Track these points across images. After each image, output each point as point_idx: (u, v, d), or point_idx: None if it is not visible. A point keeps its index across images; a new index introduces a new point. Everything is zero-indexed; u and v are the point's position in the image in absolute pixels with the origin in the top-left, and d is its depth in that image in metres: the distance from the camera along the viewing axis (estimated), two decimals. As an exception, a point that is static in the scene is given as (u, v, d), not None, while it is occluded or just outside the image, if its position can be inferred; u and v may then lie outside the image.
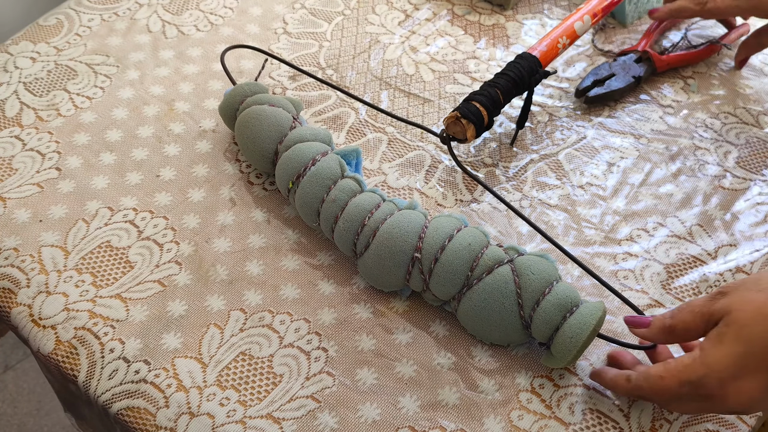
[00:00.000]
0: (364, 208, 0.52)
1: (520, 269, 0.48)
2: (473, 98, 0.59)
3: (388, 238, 0.50)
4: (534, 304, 0.47)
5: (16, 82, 0.68)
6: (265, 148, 0.57)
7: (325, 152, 0.55)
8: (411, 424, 0.47)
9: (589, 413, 0.47)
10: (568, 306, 0.46)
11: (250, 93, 0.60)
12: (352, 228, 0.52)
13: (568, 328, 0.46)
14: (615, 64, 0.69)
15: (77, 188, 0.60)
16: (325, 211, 0.53)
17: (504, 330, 0.48)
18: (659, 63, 0.69)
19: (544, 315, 0.47)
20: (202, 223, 0.58)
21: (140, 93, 0.68)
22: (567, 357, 0.46)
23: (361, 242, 0.51)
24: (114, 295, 0.53)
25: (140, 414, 0.47)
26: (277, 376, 0.49)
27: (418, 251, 0.49)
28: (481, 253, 0.49)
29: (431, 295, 0.51)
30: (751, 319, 0.38)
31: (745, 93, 0.68)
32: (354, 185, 0.53)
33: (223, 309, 0.52)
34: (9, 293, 0.53)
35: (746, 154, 0.63)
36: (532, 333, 0.48)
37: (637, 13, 0.76)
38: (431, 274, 0.49)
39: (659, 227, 0.58)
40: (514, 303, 0.47)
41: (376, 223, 0.51)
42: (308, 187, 0.54)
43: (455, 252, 0.49)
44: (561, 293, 0.47)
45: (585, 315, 0.46)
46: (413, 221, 0.51)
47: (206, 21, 0.75)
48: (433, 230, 0.50)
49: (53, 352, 0.50)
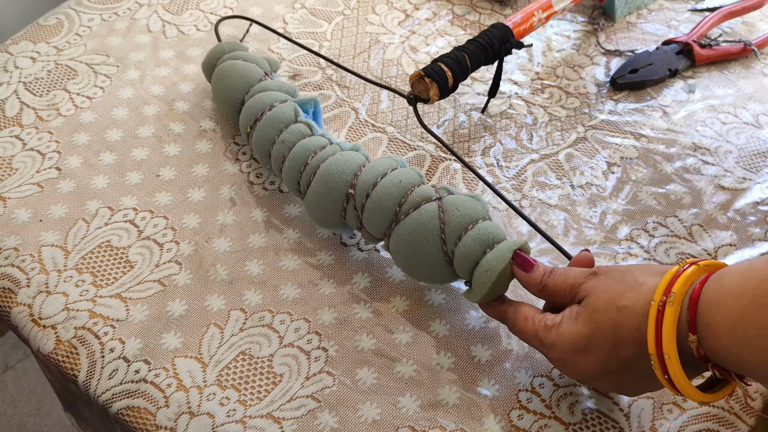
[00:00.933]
0: (308, 148, 0.54)
1: (446, 206, 0.49)
2: (440, 59, 0.60)
3: (326, 175, 0.52)
4: (456, 239, 0.48)
5: (16, 82, 0.68)
6: (233, 98, 0.60)
7: (284, 100, 0.58)
8: (411, 424, 0.47)
9: (589, 413, 0.47)
10: (489, 242, 0.47)
11: (228, 50, 0.64)
12: (296, 167, 0.54)
13: (485, 261, 0.46)
14: (655, 54, 0.69)
15: (77, 188, 0.60)
16: (275, 151, 0.56)
17: (429, 266, 0.49)
18: (699, 57, 0.69)
19: (464, 249, 0.47)
20: (202, 222, 0.58)
21: (140, 93, 0.68)
22: (483, 290, 0.46)
23: (304, 181, 0.54)
24: (114, 294, 0.53)
25: (140, 414, 0.47)
26: (277, 375, 0.49)
27: (352, 188, 0.51)
28: (410, 191, 0.50)
29: (366, 232, 0.52)
30: (603, 306, 0.41)
31: (745, 93, 0.68)
32: (304, 129, 0.56)
33: (223, 309, 0.52)
34: (9, 293, 0.53)
35: (746, 154, 0.63)
36: (456, 269, 0.49)
37: (627, 8, 0.76)
38: (363, 210, 0.51)
39: (659, 227, 0.58)
40: (437, 238, 0.48)
41: (318, 162, 0.53)
42: (262, 130, 0.57)
43: (385, 188, 0.50)
44: (484, 229, 0.48)
45: (503, 249, 0.46)
46: (351, 160, 0.52)
47: (206, 21, 0.75)
48: (368, 169, 0.52)
49: (53, 351, 0.50)
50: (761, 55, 0.72)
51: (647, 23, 0.76)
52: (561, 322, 0.43)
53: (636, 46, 0.73)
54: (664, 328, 0.38)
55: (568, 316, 0.43)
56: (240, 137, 0.64)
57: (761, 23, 0.75)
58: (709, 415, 0.47)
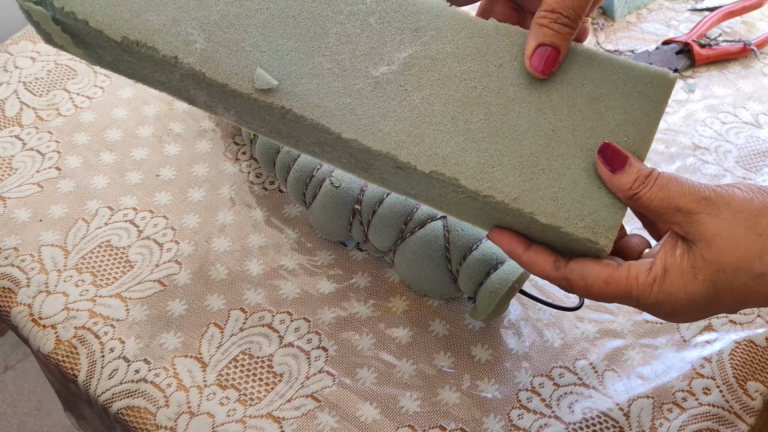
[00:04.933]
0: (313, 159, 0.54)
1: (451, 225, 0.50)
2: None
3: (332, 190, 0.52)
4: (461, 258, 0.49)
5: (16, 82, 0.68)
6: None
7: None
8: (411, 424, 0.47)
9: (589, 412, 0.47)
10: (492, 262, 0.48)
11: None
12: (302, 179, 0.54)
13: (489, 283, 0.47)
14: (655, 53, 0.69)
15: (77, 188, 0.60)
16: (280, 161, 0.55)
17: (434, 282, 0.50)
18: (698, 57, 0.69)
19: (469, 270, 0.48)
20: (202, 222, 0.58)
21: (140, 92, 0.68)
22: (487, 310, 0.47)
23: (309, 192, 0.54)
24: (114, 294, 0.53)
25: (140, 413, 0.47)
26: (277, 375, 0.49)
27: (358, 203, 0.51)
28: (416, 209, 0.50)
29: (371, 246, 0.52)
30: (734, 266, 0.33)
31: (745, 93, 0.68)
32: None
33: (223, 308, 0.52)
34: (9, 293, 0.53)
35: (746, 154, 0.63)
36: (460, 286, 0.50)
37: (627, 8, 0.76)
38: (369, 226, 0.51)
39: (659, 227, 0.58)
40: (442, 257, 0.49)
41: (323, 175, 0.53)
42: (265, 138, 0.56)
43: (392, 206, 0.50)
44: (487, 250, 0.48)
45: (506, 272, 0.47)
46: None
47: (206, 21, 0.75)
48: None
49: (53, 351, 0.50)
50: (761, 55, 0.72)
51: (647, 23, 0.76)
52: (666, 275, 0.35)
53: (636, 46, 0.73)
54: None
55: (678, 270, 0.35)
56: (240, 137, 0.64)
57: (761, 23, 0.75)
58: (709, 415, 0.47)
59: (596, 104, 0.38)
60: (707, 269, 0.34)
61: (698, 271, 0.34)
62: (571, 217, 0.36)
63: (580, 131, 0.38)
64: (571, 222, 0.36)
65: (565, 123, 0.38)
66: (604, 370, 0.49)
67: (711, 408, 0.47)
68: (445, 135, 0.39)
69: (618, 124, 0.37)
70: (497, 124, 0.38)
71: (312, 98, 0.39)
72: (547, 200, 0.37)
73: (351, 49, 0.41)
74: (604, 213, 0.36)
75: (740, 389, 0.48)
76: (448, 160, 0.38)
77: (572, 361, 0.50)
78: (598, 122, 0.38)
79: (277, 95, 0.39)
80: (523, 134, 0.38)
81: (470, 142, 0.38)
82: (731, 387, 0.48)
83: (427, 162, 0.38)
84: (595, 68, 0.38)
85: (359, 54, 0.41)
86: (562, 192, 0.37)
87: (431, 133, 0.39)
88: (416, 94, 0.40)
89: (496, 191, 0.37)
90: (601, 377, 0.49)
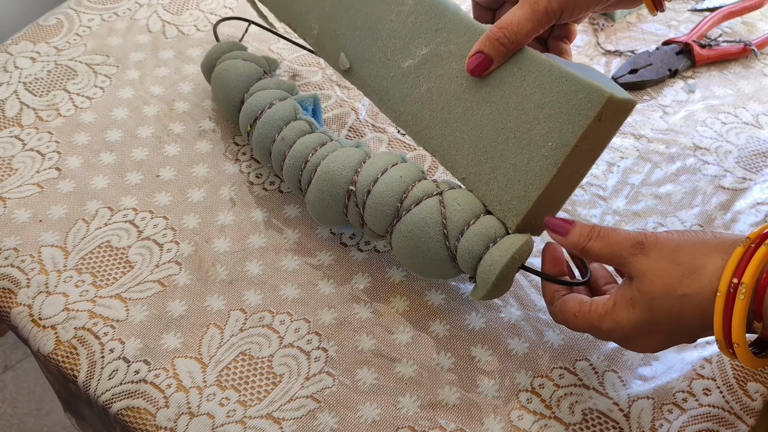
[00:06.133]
0: (308, 145, 0.54)
1: (448, 200, 0.48)
2: None
3: (327, 173, 0.51)
4: (459, 234, 0.47)
5: (16, 82, 0.68)
6: (232, 97, 0.60)
7: (283, 98, 0.58)
8: (411, 424, 0.47)
9: (589, 413, 0.47)
10: (491, 236, 0.46)
11: (227, 50, 0.64)
12: (297, 164, 0.54)
13: (488, 256, 0.46)
14: (655, 54, 0.69)
15: (77, 188, 0.60)
16: (275, 149, 0.56)
17: (432, 262, 0.48)
18: (699, 57, 0.69)
19: (467, 245, 0.46)
20: (202, 223, 0.58)
21: (140, 93, 0.68)
22: (486, 286, 0.45)
23: (305, 178, 0.54)
24: (114, 295, 0.53)
25: (140, 414, 0.47)
26: (277, 376, 0.49)
27: (353, 184, 0.51)
28: (411, 186, 0.49)
29: (368, 229, 0.52)
30: (661, 293, 0.39)
31: (745, 93, 0.68)
32: (304, 126, 0.56)
33: (223, 309, 0.52)
34: (9, 293, 0.53)
35: (746, 154, 0.63)
36: (459, 265, 0.48)
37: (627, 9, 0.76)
38: (365, 207, 0.50)
39: (659, 227, 0.58)
40: (439, 233, 0.47)
41: (318, 160, 0.53)
42: (262, 128, 0.56)
43: (386, 184, 0.49)
44: (486, 224, 0.47)
45: (506, 244, 0.45)
46: (352, 157, 0.52)
47: (206, 21, 0.75)
48: (369, 164, 0.51)
49: (53, 352, 0.50)
50: (761, 55, 0.72)
51: (647, 23, 0.76)
52: (615, 308, 0.42)
53: (636, 46, 0.73)
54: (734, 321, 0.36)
55: (622, 302, 0.41)
56: (240, 137, 0.64)
57: (761, 23, 0.75)
58: (709, 416, 0.47)
59: (540, 111, 0.45)
60: (642, 299, 0.40)
61: (636, 301, 0.41)
62: (494, 201, 0.47)
63: (521, 132, 0.46)
64: (493, 204, 0.47)
65: (512, 124, 0.46)
66: (604, 370, 0.49)
67: (711, 409, 0.47)
68: (434, 121, 0.51)
69: (548, 131, 0.45)
70: (467, 117, 0.49)
71: (367, 80, 0.55)
72: (482, 184, 0.48)
73: (394, 44, 0.53)
74: (516, 203, 0.46)
75: (740, 390, 0.48)
76: (432, 141, 0.51)
77: (572, 362, 0.50)
78: (535, 126, 0.45)
79: (348, 74, 0.56)
80: (481, 128, 0.48)
81: (447, 129, 0.50)
82: (731, 388, 0.48)
83: (423, 143, 0.52)
84: (547, 78, 0.45)
85: (398, 48, 0.53)
86: (494, 180, 0.47)
87: (426, 118, 0.51)
88: (424, 86, 0.51)
89: (453, 170, 0.50)
90: (602, 378, 0.49)
